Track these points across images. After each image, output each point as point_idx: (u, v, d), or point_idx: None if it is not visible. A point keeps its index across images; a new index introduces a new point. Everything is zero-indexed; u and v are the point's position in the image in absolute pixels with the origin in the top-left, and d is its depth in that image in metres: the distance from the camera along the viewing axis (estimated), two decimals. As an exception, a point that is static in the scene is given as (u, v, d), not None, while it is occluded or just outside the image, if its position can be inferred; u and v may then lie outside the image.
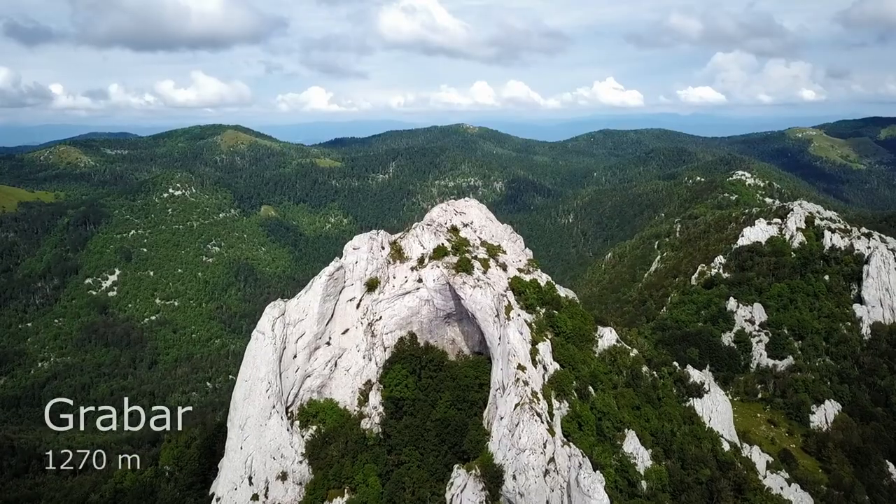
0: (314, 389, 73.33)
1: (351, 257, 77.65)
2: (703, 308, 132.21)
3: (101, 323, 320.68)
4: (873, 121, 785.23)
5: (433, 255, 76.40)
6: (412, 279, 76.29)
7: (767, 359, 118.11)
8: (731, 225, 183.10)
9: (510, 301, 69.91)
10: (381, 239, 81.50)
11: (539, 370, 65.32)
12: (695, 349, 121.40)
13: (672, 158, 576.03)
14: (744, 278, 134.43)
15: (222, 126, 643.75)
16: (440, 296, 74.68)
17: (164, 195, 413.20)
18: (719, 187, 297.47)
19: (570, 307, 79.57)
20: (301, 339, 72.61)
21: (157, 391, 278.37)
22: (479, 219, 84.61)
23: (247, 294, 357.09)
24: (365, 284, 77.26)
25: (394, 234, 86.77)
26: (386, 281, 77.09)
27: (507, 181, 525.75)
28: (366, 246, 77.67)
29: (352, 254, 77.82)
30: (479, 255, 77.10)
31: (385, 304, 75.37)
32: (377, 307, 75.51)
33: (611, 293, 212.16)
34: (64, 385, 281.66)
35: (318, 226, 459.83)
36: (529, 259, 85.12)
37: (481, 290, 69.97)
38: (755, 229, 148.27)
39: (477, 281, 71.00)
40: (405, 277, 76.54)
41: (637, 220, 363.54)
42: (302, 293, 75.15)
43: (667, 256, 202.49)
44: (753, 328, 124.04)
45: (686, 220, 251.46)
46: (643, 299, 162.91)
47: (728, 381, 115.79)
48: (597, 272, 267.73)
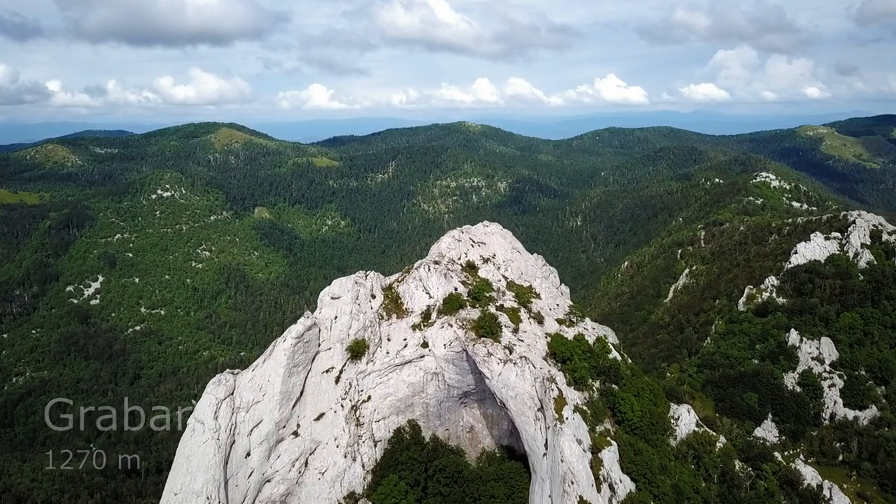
0: (276, 500, 52.63)
1: (328, 310, 56.64)
2: (759, 341, 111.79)
3: (82, 334, 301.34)
4: (886, 119, 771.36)
5: (444, 308, 55.84)
6: (414, 343, 55.56)
7: (844, 408, 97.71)
8: (772, 237, 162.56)
9: (559, 386, 49.28)
10: (371, 284, 60.59)
11: (605, 494, 45.07)
12: (753, 394, 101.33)
13: (682, 158, 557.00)
14: (805, 305, 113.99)
15: (217, 124, 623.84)
16: (454, 368, 54.04)
17: (152, 196, 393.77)
18: (742, 190, 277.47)
19: (632, 379, 58.96)
20: (257, 429, 51.86)
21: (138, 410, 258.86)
22: (503, 250, 63.95)
23: (238, 302, 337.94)
24: (347, 349, 56.63)
25: (389, 274, 65.48)
26: (377, 345, 56.38)
27: (510, 181, 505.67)
28: (349, 294, 56.80)
29: (329, 305, 56.74)
30: (505, 304, 56.75)
31: (376, 378, 54.72)
32: (364, 382, 54.89)
33: (633, 310, 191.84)
34: (38, 402, 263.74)
35: (314, 228, 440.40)
36: (571, 305, 64.42)
37: (516, 367, 49.42)
38: (811, 245, 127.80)
39: (508, 352, 50.51)
40: (404, 340, 55.89)
41: (651, 225, 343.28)
42: (259, 362, 54.15)
43: (696, 270, 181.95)
44: (823, 369, 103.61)
45: (710, 226, 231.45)
46: (679, 325, 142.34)
47: (798, 437, 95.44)
48: (612, 282, 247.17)
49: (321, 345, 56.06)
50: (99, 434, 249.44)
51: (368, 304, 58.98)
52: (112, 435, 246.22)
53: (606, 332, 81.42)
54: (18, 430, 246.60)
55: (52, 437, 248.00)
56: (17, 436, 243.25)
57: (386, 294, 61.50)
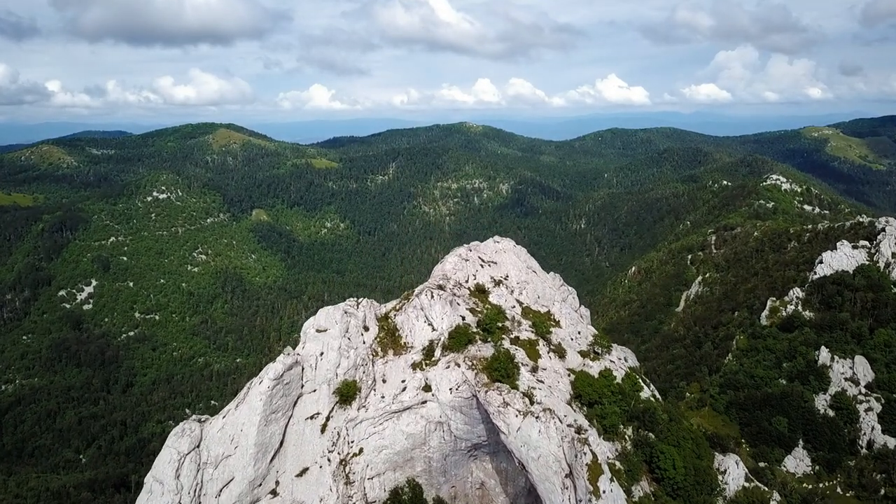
0: (253, 574, 44.71)
1: (313, 346, 48.23)
2: (786, 359, 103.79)
3: (74, 340, 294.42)
4: (891, 119, 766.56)
5: (450, 343, 47.56)
6: (414, 385, 47.12)
7: (883, 435, 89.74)
8: (791, 243, 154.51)
9: (591, 446, 41.25)
10: (364, 314, 51.85)
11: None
12: (782, 418, 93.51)
13: (687, 159, 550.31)
14: (834, 320, 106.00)
15: (215, 125, 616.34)
16: (461, 417, 45.65)
17: (147, 199, 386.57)
18: (753, 193, 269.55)
19: (670, 425, 50.82)
20: (228, 488, 43.77)
21: (130, 420, 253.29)
22: (517, 270, 55.85)
23: (234, 307, 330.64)
24: (335, 392, 48.33)
25: (385, 300, 56.63)
26: (371, 387, 47.98)
27: (512, 183, 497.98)
28: (338, 327, 48.31)
29: (314, 340, 48.33)
30: (521, 336, 48.76)
31: (369, 427, 46.44)
32: (355, 432, 46.59)
33: (643, 320, 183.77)
34: (28, 411, 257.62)
35: (312, 231, 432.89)
36: (595, 335, 56.29)
37: (538, 423, 41.01)
38: (838, 254, 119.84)
39: (528, 401, 42.15)
40: (402, 382, 47.48)
41: (658, 228, 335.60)
42: (231, 407, 45.91)
43: (710, 278, 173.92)
44: (858, 391, 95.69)
45: (721, 231, 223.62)
46: (697, 339, 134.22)
47: (833, 467, 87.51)
48: (620, 288, 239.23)
49: (304, 386, 48.01)
50: (89, 445, 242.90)
51: (360, 339, 50.49)
52: (102, 446, 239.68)
53: (626, 353, 73.68)
54: (7, 440, 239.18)
55: (40, 448, 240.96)
56: (5, 446, 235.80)
57: (381, 325, 52.75)
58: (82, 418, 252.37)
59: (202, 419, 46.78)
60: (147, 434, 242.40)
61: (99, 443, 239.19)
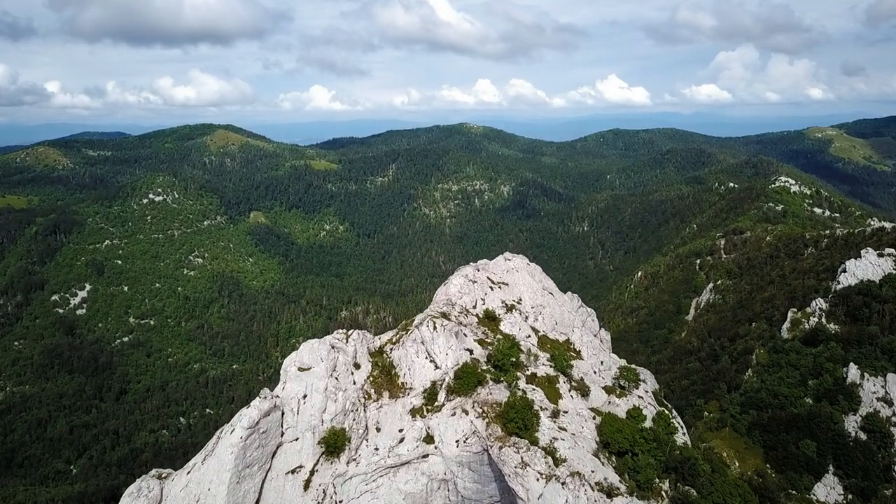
0: None
1: (295, 386, 40.83)
2: (811, 376, 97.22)
3: (67, 346, 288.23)
4: (895, 120, 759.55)
5: (455, 385, 40.30)
6: (414, 436, 39.71)
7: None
8: (808, 250, 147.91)
9: None
10: (354, 348, 44.42)
11: None
12: (810, 442, 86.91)
13: (690, 160, 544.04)
14: (863, 334, 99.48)
15: (213, 126, 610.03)
16: (470, 474, 38.35)
17: (143, 201, 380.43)
18: (761, 195, 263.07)
19: (713, 476, 44.25)
20: (197, 560, 37.32)
21: (123, 429, 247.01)
22: (532, 292, 49.01)
23: (231, 311, 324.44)
24: (321, 442, 41.08)
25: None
26: (362, 437, 40.70)
27: (514, 184, 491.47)
28: (324, 364, 40.91)
29: (296, 379, 40.94)
30: (539, 372, 42.09)
31: (360, 484, 39.35)
32: (345, 490, 39.48)
33: (652, 328, 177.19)
34: (19, 420, 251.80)
35: (311, 234, 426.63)
36: (620, 367, 49.61)
37: (565, 490, 33.84)
38: (862, 262, 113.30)
39: (550, 461, 35.13)
40: (400, 431, 40.16)
41: (663, 231, 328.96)
42: (197, 461, 38.91)
43: (722, 285, 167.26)
44: (891, 412, 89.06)
45: (730, 235, 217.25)
46: (712, 351, 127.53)
47: (868, 496, 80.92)
48: (625, 294, 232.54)
49: (285, 434, 40.95)
50: (80, 455, 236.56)
51: (350, 378, 43.18)
52: (94, 456, 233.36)
53: (645, 374, 67.15)
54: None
55: (30, 458, 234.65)
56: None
57: (375, 362, 45.06)
58: (74, 427, 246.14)
59: (163, 474, 40.14)
60: (140, 444, 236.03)
61: (90, 453, 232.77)
